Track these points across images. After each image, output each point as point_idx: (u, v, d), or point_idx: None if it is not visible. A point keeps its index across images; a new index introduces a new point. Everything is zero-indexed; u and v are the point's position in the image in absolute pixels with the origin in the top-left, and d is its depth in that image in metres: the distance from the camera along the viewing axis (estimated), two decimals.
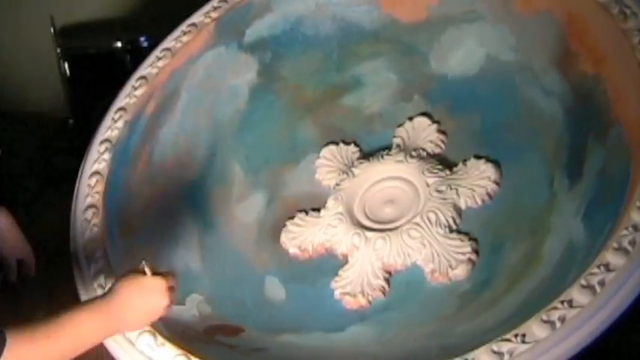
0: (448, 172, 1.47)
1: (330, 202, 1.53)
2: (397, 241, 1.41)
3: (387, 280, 1.40)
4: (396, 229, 1.43)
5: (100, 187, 1.50)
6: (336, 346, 1.33)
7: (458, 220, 1.41)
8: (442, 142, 1.54)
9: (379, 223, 1.47)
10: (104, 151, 1.54)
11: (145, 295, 1.13)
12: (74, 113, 2.19)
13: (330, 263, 1.46)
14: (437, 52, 1.60)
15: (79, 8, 2.20)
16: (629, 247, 1.08)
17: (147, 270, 1.14)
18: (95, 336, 1.10)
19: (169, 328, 1.29)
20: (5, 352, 0.98)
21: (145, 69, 1.65)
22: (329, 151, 1.62)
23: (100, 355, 1.38)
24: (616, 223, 1.12)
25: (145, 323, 1.19)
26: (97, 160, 1.54)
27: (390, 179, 1.52)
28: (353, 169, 1.55)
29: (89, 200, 1.48)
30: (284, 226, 1.54)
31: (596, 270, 1.08)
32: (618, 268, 1.07)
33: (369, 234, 1.44)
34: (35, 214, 1.41)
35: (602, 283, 1.07)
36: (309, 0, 1.69)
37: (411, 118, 1.59)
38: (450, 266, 1.35)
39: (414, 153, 1.52)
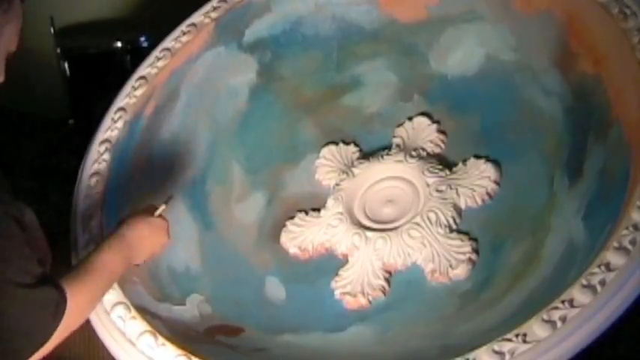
0: (448, 172, 1.47)
1: (330, 202, 1.53)
2: (397, 241, 1.41)
3: (388, 280, 1.40)
4: (396, 229, 1.43)
5: (100, 187, 1.50)
6: (336, 346, 1.33)
7: (458, 220, 1.41)
8: (442, 142, 1.54)
9: (379, 223, 1.47)
10: (104, 151, 1.54)
11: (153, 232, 1.32)
12: (74, 113, 2.18)
13: (330, 263, 1.46)
14: (437, 52, 1.60)
15: (79, 8, 2.20)
16: (630, 247, 1.08)
17: (158, 211, 1.32)
18: (120, 269, 1.25)
19: (170, 329, 1.29)
20: (69, 302, 1.10)
21: (145, 69, 1.65)
22: (329, 151, 1.62)
23: (100, 355, 1.39)
24: (616, 222, 1.12)
25: (149, 257, 1.34)
26: (97, 160, 1.54)
27: (390, 179, 1.52)
28: (353, 169, 1.55)
29: (89, 200, 1.48)
30: (284, 226, 1.54)
31: (596, 269, 1.08)
32: (619, 267, 1.07)
33: (369, 234, 1.44)
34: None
35: (602, 283, 1.07)
36: (309, 0, 1.68)
37: (410, 118, 1.59)
38: (451, 266, 1.35)
39: (414, 153, 1.52)
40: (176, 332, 1.29)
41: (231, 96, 1.68)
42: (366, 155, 1.58)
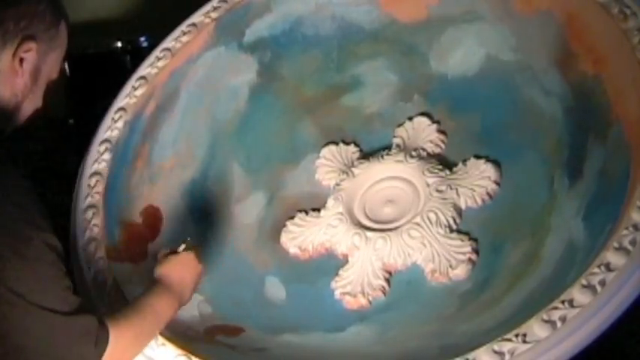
0: (448, 172, 1.47)
1: (330, 202, 1.53)
2: (397, 241, 1.40)
3: (388, 280, 1.40)
4: (396, 229, 1.43)
5: (100, 187, 1.50)
6: (336, 346, 1.33)
7: (458, 220, 1.41)
8: (442, 142, 1.54)
9: (379, 223, 1.47)
10: (104, 151, 1.54)
11: (186, 265, 1.27)
12: (74, 113, 2.18)
13: (331, 263, 1.46)
14: (437, 52, 1.60)
15: (79, 8, 2.19)
16: (630, 247, 1.09)
17: (181, 248, 1.29)
18: (168, 310, 1.21)
19: (170, 329, 1.29)
20: (113, 335, 1.07)
21: (145, 69, 1.65)
22: (329, 151, 1.62)
23: None
24: (616, 222, 1.12)
25: (194, 291, 1.29)
26: (97, 160, 1.54)
27: (390, 179, 1.52)
28: (353, 169, 1.55)
29: (89, 200, 1.48)
30: (284, 226, 1.54)
31: (596, 270, 1.08)
32: (619, 267, 1.07)
33: (369, 234, 1.44)
34: None
35: (602, 283, 1.07)
36: (309, 0, 1.68)
37: (411, 118, 1.59)
38: (451, 266, 1.35)
39: (414, 153, 1.52)
40: (176, 332, 1.29)
41: (231, 96, 1.67)
42: (366, 155, 1.58)
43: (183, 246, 1.30)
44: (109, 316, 1.11)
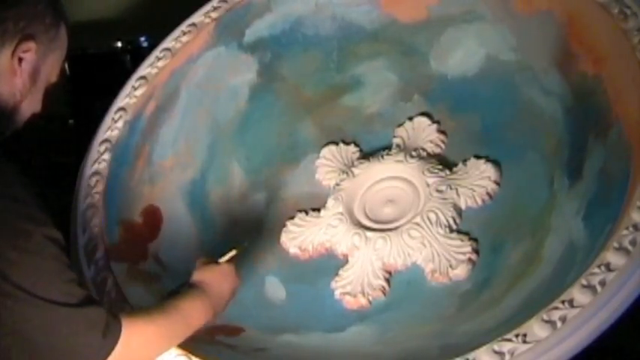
0: (448, 172, 1.48)
1: (330, 202, 1.53)
2: (397, 241, 1.41)
3: (388, 280, 1.40)
4: (396, 229, 1.43)
5: (100, 187, 1.49)
6: (336, 346, 1.33)
7: (458, 220, 1.41)
8: (442, 142, 1.54)
9: (379, 223, 1.47)
10: (104, 151, 1.54)
11: (226, 280, 1.26)
12: (74, 113, 2.18)
13: (331, 263, 1.46)
14: (437, 52, 1.60)
15: (79, 8, 2.20)
16: (630, 247, 1.08)
17: (225, 258, 1.28)
18: (199, 315, 1.19)
19: None
20: (128, 329, 1.05)
21: (145, 69, 1.65)
22: (329, 151, 1.62)
23: None
24: (616, 222, 1.12)
25: (229, 303, 1.27)
26: (97, 160, 1.54)
27: (390, 179, 1.52)
28: (353, 169, 1.55)
29: (89, 200, 1.48)
30: (284, 226, 1.54)
31: (596, 270, 1.08)
32: (619, 267, 1.07)
33: (369, 234, 1.44)
34: None
35: (602, 283, 1.07)
36: (309, 0, 1.68)
37: (411, 118, 1.59)
38: (451, 266, 1.35)
39: (414, 153, 1.52)
40: None
41: (231, 96, 1.67)
42: (366, 155, 1.58)
43: (228, 255, 1.29)
44: (130, 312, 1.12)
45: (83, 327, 1.03)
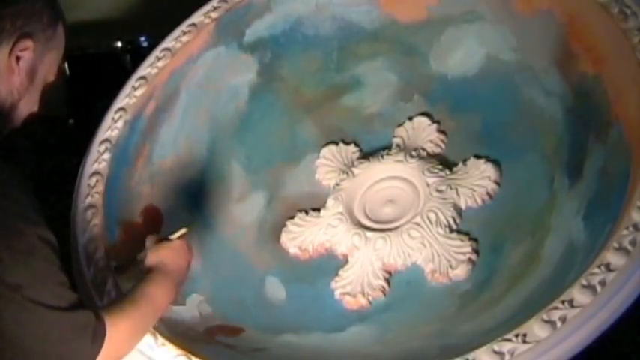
0: (448, 172, 1.48)
1: (330, 202, 1.53)
2: (397, 241, 1.41)
3: (388, 280, 1.40)
4: (396, 229, 1.43)
5: (100, 187, 1.49)
6: (336, 346, 1.33)
7: (458, 220, 1.41)
8: (442, 142, 1.54)
9: (379, 223, 1.47)
10: (104, 151, 1.54)
11: (180, 256, 1.30)
12: (74, 113, 2.19)
13: (331, 263, 1.46)
14: (437, 52, 1.60)
15: (79, 8, 2.20)
16: (630, 247, 1.08)
17: (175, 235, 1.32)
18: (165, 299, 1.23)
19: (170, 328, 1.29)
20: (109, 329, 1.07)
21: (145, 69, 1.65)
22: (329, 151, 1.62)
23: None
24: (616, 222, 1.12)
25: (185, 277, 1.32)
26: (97, 160, 1.54)
27: (390, 179, 1.52)
28: (353, 169, 1.55)
29: (89, 200, 1.48)
30: (284, 226, 1.54)
31: (596, 270, 1.08)
32: (619, 267, 1.07)
33: (369, 234, 1.44)
34: None
35: (602, 283, 1.07)
36: (309, 0, 1.68)
37: (411, 118, 1.59)
38: (450, 266, 1.35)
39: (414, 153, 1.52)
40: (176, 332, 1.29)
41: (231, 96, 1.67)
42: (366, 155, 1.58)
43: (178, 233, 1.33)
44: (105, 309, 1.12)
45: (73, 332, 1.03)
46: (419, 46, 1.62)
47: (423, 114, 1.58)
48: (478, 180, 1.43)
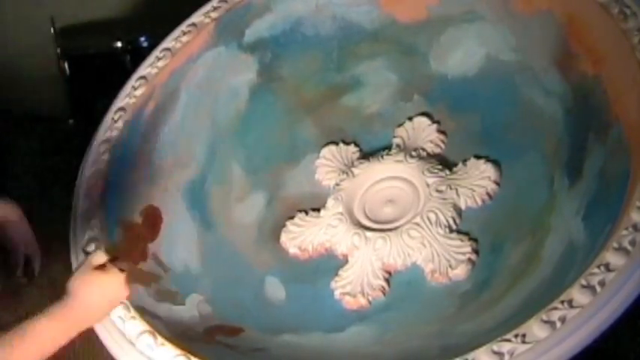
0: (448, 172, 1.48)
1: (330, 202, 1.53)
2: (397, 241, 1.41)
3: (387, 280, 1.40)
4: (396, 229, 1.43)
5: (100, 187, 1.50)
6: (336, 346, 1.33)
7: (458, 220, 1.41)
8: (442, 142, 1.54)
9: (379, 223, 1.47)
10: (104, 151, 1.54)
11: (106, 293, 1.17)
12: (74, 113, 2.18)
13: (330, 263, 1.46)
14: (437, 52, 1.60)
15: (79, 8, 2.20)
16: (630, 247, 1.08)
17: (104, 262, 1.17)
18: (57, 340, 1.11)
19: (169, 329, 1.29)
20: None
21: (145, 69, 1.65)
22: (329, 151, 1.62)
23: (100, 355, 1.38)
24: (616, 222, 1.12)
25: (105, 317, 1.22)
26: (97, 160, 1.54)
27: (390, 179, 1.52)
28: (353, 169, 1.55)
29: (89, 200, 1.48)
30: (284, 226, 1.54)
31: (596, 270, 1.08)
32: (618, 268, 1.07)
33: (369, 234, 1.44)
34: (35, 214, 1.41)
35: (602, 283, 1.07)
36: (309, 0, 1.68)
37: (410, 118, 1.59)
38: (450, 266, 1.35)
39: (414, 153, 1.52)
40: (176, 332, 1.29)
41: (231, 96, 1.67)
42: (366, 155, 1.58)
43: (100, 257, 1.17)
44: None
45: None
46: (419, 46, 1.62)
47: (423, 114, 1.58)
48: (478, 180, 1.43)
